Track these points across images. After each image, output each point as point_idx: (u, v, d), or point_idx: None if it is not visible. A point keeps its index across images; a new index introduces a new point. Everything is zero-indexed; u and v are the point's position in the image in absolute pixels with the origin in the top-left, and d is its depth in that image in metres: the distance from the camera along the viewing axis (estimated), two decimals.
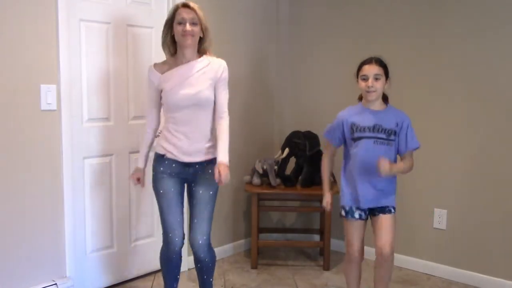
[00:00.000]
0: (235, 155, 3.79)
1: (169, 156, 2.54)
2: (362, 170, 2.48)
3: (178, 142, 2.52)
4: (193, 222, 2.57)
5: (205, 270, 2.63)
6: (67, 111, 2.81)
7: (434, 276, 3.45)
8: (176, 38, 2.50)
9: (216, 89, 2.56)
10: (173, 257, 2.62)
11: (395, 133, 2.48)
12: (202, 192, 2.55)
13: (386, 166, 2.37)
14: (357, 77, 2.54)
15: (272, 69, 4.11)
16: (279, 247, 4.01)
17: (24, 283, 2.70)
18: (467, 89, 3.27)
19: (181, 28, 2.45)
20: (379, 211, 2.53)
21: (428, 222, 3.46)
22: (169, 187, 2.55)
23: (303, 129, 3.72)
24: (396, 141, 2.50)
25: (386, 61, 2.53)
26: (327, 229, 3.50)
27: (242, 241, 3.95)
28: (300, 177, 3.65)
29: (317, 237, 3.99)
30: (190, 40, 2.47)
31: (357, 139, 2.50)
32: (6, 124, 2.59)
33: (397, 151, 2.55)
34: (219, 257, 3.72)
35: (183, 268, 3.51)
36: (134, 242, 3.30)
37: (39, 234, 2.75)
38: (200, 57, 2.54)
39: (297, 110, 4.10)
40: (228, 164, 2.48)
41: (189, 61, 2.52)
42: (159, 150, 2.58)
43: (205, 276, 2.65)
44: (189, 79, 2.49)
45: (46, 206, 2.77)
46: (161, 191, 2.56)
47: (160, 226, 2.64)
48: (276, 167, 3.61)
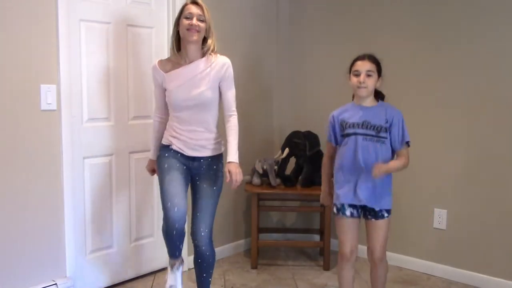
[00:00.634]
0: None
1: (174, 148, 2.56)
2: (353, 166, 2.44)
3: (183, 138, 2.54)
4: (195, 215, 2.57)
5: (205, 266, 2.60)
6: (67, 111, 2.81)
7: (434, 276, 3.45)
8: (181, 33, 2.49)
9: (221, 87, 2.55)
10: (173, 233, 2.46)
11: (386, 130, 2.43)
12: (206, 187, 2.57)
13: (379, 170, 2.35)
14: (350, 73, 2.51)
15: (272, 69, 4.11)
16: (279, 247, 4.01)
17: (24, 283, 2.70)
18: (467, 90, 3.27)
19: (187, 22, 2.45)
20: (372, 215, 2.48)
21: (428, 222, 3.46)
22: (174, 163, 2.54)
23: (303, 129, 3.72)
24: (389, 138, 2.45)
25: (379, 58, 2.51)
26: (327, 229, 3.50)
27: (242, 241, 3.95)
28: (300, 177, 3.65)
29: (317, 237, 3.99)
30: (195, 36, 2.46)
31: (346, 135, 2.47)
32: (6, 124, 2.59)
33: (392, 148, 2.49)
34: (219, 257, 3.72)
35: (183, 268, 3.52)
36: (134, 242, 3.30)
37: (39, 234, 2.75)
38: (203, 57, 2.54)
39: (297, 110, 4.10)
40: (238, 163, 2.48)
41: (192, 61, 2.52)
42: (164, 142, 2.62)
43: (204, 275, 2.63)
44: (192, 79, 2.49)
45: (46, 206, 2.77)
46: (166, 165, 2.54)
47: (160, 226, 2.63)
48: (276, 167, 3.62)
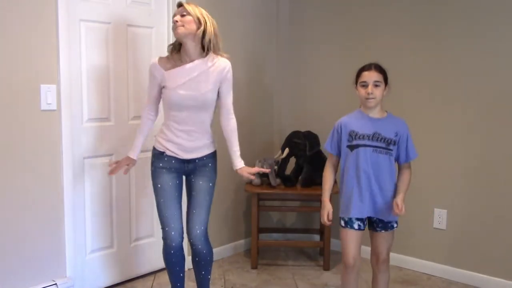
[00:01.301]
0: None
1: (168, 153, 2.55)
2: (363, 179, 2.40)
3: (179, 140, 2.53)
4: (191, 212, 2.58)
5: (203, 264, 2.61)
6: (67, 111, 2.81)
7: (434, 276, 3.45)
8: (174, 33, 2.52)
9: (221, 90, 2.57)
10: (171, 252, 2.59)
11: (394, 143, 2.41)
12: (202, 183, 2.58)
13: (401, 205, 2.38)
14: (356, 84, 2.47)
15: (272, 69, 4.11)
16: (279, 247, 4.01)
17: (24, 283, 2.70)
18: (467, 89, 3.27)
19: (173, 20, 2.49)
20: (381, 227, 2.47)
21: (428, 222, 3.46)
22: (166, 182, 2.56)
23: (303, 129, 3.71)
24: (395, 151, 2.43)
25: (385, 67, 2.46)
26: (327, 229, 3.50)
27: (242, 241, 3.95)
28: (300, 177, 3.65)
29: (317, 237, 3.99)
30: (179, 29, 2.45)
31: (354, 146, 2.43)
32: (6, 124, 2.59)
33: (396, 160, 2.48)
34: (219, 257, 3.73)
35: None
36: (134, 242, 3.30)
37: (39, 234, 2.75)
38: (205, 56, 2.53)
39: (297, 110, 4.10)
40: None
41: (193, 60, 2.52)
42: (158, 147, 2.59)
43: (203, 272, 2.63)
44: (193, 79, 2.49)
45: (46, 206, 2.77)
46: (159, 185, 2.57)
47: (160, 226, 2.63)
48: (276, 167, 3.62)
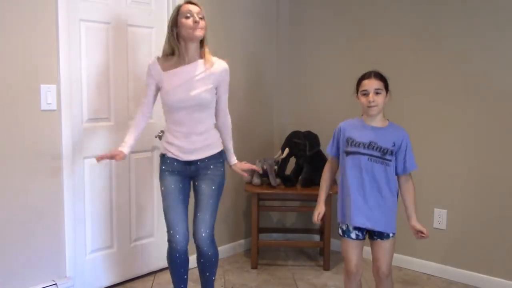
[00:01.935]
0: (235, 155, 3.81)
1: (170, 155, 2.56)
2: (357, 187, 2.39)
3: (178, 142, 2.53)
4: (196, 216, 2.58)
5: (208, 265, 2.61)
6: (67, 111, 2.81)
7: (434, 276, 3.45)
8: (184, 32, 2.47)
9: (218, 91, 2.58)
10: (176, 255, 2.58)
11: (391, 153, 2.38)
12: (205, 187, 2.57)
13: (422, 230, 2.42)
14: (357, 92, 2.45)
15: (272, 69, 4.11)
16: (279, 247, 4.01)
17: (24, 283, 2.70)
18: (467, 89, 3.27)
19: (191, 20, 2.44)
20: (377, 236, 2.45)
21: (428, 222, 3.45)
22: (170, 184, 2.57)
23: (303, 129, 3.72)
24: (393, 161, 2.40)
25: (385, 75, 2.43)
26: (327, 229, 3.50)
27: (242, 241, 3.95)
28: (300, 177, 3.65)
29: (317, 237, 3.99)
30: (199, 32, 2.45)
31: (349, 153, 2.41)
32: (6, 124, 2.59)
33: (395, 170, 2.44)
34: (219, 257, 3.72)
35: None
36: (134, 242, 3.30)
37: (39, 234, 2.75)
38: (202, 57, 2.54)
39: (297, 110, 4.10)
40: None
41: (191, 61, 2.52)
42: (161, 150, 2.62)
43: (207, 273, 2.64)
44: (191, 80, 2.49)
45: (46, 206, 2.77)
46: (163, 188, 2.58)
47: (160, 226, 2.64)
48: (276, 167, 3.62)
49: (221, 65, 2.57)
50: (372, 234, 2.48)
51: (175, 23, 2.50)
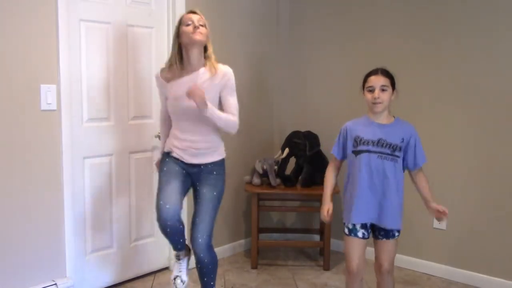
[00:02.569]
0: (235, 155, 3.81)
1: (174, 155, 2.59)
2: (368, 185, 2.39)
3: (184, 147, 2.56)
4: (194, 220, 2.58)
5: (205, 271, 2.61)
6: (67, 111, 2.81)
7: (434, 276, 3.45)
8: (185, 39, 2.48)
9: (222, 96, 2.55)
10: (167, 231, 2.53)
11: (400, 149, 2.39)
12: (206, 192, 2.57)
13: (443, 210, 2.45)
14: (363, 89, 2.45)
15: (272, 69, 4.11)
16: (279, 247, 4.01)
17: (24, 283, 2.70)
18: (468, 89, 3.27)
19: (191, 27, 2.46)
20: (383, 235, 2.46)
21: (428, 222, 3.46)
22: (172, 167, 2.58)
23: (303, 129, 3.72)
24: (401, 157, 2.41)
25: (392, 72, 2.44)
26: (327, 229, 3.50)
27: (242, 241, 3.95)
28: (300, 177, 3.65)
29: (317, 237, 3.99)
30: (199, 36, 2.46)
31: (359, 152, 2.41)
32: (6, 124, 2.59)
33: (405, 166, 2.46)
34: (219, 257, 3.70)
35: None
36: (134, 242, 3.30)
37: (39, 234, 2.75)
38: (205, 64, 2.54)
39: (297, 110, 4.10)
40: (205, 101, 2.38)
41: (194, 70, 2.53)
42: (166, 149, 2.65)
43: (205, 279, 2.64)
44: None
45: (46, 206, 2.77)
46: (165, 168, 2.60)
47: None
48: (276, 167, 3.62)
49: (222, 70, 2.55)
50: (377, 234, 2.48)
51: (177, 33, 2.52)
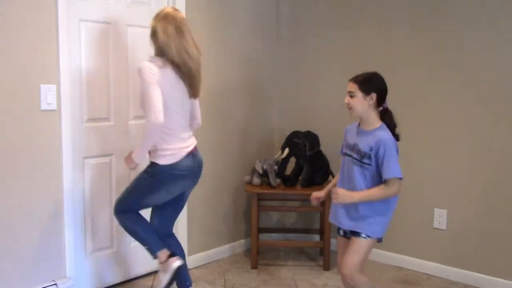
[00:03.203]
0: (235, 155, 3.82)
1: None
2: (341, 186, 2.44)
3: None
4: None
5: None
6: (67, 111, 2.81)
7: (434, 276, 3.45)
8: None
9: None
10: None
11: (369, 157, 2.36)
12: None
13: (338, 195, 2.35)
14: None
15: (272, 69, 4.11)
16: (279, 247, 4.01)
17: (24, 283, 2.70)
18: (467, 89, 3.27)
19: None
20: (351, 232, 2.45)
21: (428, 222, 3.46)
22: None
23: (303, 129, 3.71)
24: (372, 165, 2.36)
25: (368, 76, 2.39)
26: (327, 229, 3.50)
27: (242, 241, 3.95)
28: (300, 177, 3.65)
29: (317, 237, 3.99)
30: None
31: (343, 154, 2.51)
32: (6, 124, 2.59)
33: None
34: (219, 257, 3.73)
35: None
36: (134, 242, 3.28)
37: (39, 234, 2.75)
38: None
39: (297, 110, 4.10)
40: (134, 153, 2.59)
41: None
42: None
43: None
44: None
45: (46, 206, 2.77)
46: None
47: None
48: (276, 167, 3.61)
49: None
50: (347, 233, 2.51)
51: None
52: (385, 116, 2.43)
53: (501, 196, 3.17)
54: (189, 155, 2.60)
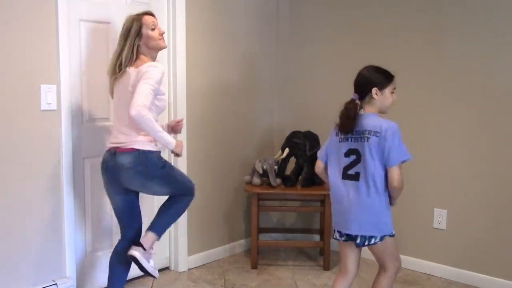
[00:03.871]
0: (235, 155, 3.81)
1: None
2: None
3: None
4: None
5: None
6: (67, 111, 2.81)
7: (434, 276, 3.45)
8: (152, 44, 2.58)
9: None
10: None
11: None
12: None
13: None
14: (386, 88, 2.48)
15: (272, 69, 4.11)
16: (279, 247, 4.01)
17: (24, 283, 2.70)
18: (468, 89, 3.27)
19: (157, 32, 2.60)
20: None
21: (428, 222, 3.46)
22: None
23: (303, 129, 3.72)
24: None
25: (363, 76, 2.43)
26: (327, 229, 3.50)
27: (242, 241, 3.95)
28: (300, 177, 3.65)
29: (317, 237, 3.99)
30: (165, 43, 2.63)
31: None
32: (6, 124, 2.59)
33: None
34: (219, 257, 3.73)
35: (183, 268, 3.52)
36: None
37: (39, 234, 2.75)
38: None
39: (297, 110, 4.10)
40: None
41: None
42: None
43: None
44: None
45: (46, 206, 2.77)
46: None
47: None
48: (276, 167, 3.62)
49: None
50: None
51: (138, 33, 2.56)
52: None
53: (501, 196, 3.17)
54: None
